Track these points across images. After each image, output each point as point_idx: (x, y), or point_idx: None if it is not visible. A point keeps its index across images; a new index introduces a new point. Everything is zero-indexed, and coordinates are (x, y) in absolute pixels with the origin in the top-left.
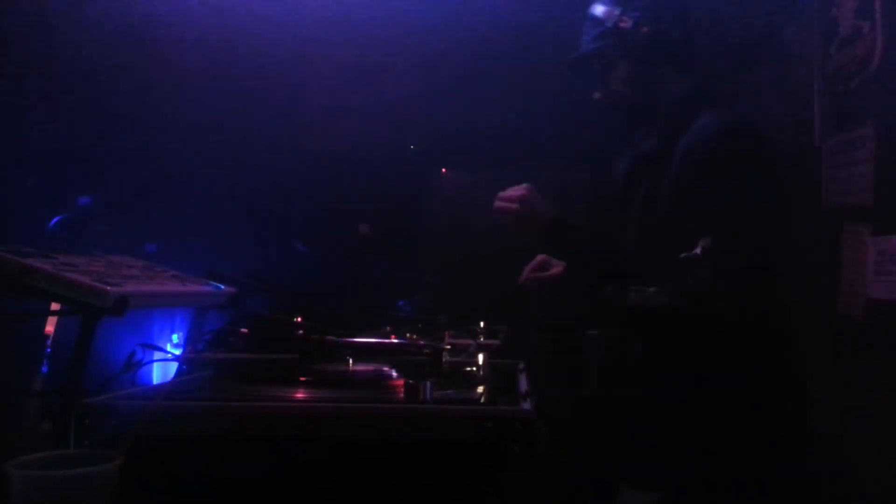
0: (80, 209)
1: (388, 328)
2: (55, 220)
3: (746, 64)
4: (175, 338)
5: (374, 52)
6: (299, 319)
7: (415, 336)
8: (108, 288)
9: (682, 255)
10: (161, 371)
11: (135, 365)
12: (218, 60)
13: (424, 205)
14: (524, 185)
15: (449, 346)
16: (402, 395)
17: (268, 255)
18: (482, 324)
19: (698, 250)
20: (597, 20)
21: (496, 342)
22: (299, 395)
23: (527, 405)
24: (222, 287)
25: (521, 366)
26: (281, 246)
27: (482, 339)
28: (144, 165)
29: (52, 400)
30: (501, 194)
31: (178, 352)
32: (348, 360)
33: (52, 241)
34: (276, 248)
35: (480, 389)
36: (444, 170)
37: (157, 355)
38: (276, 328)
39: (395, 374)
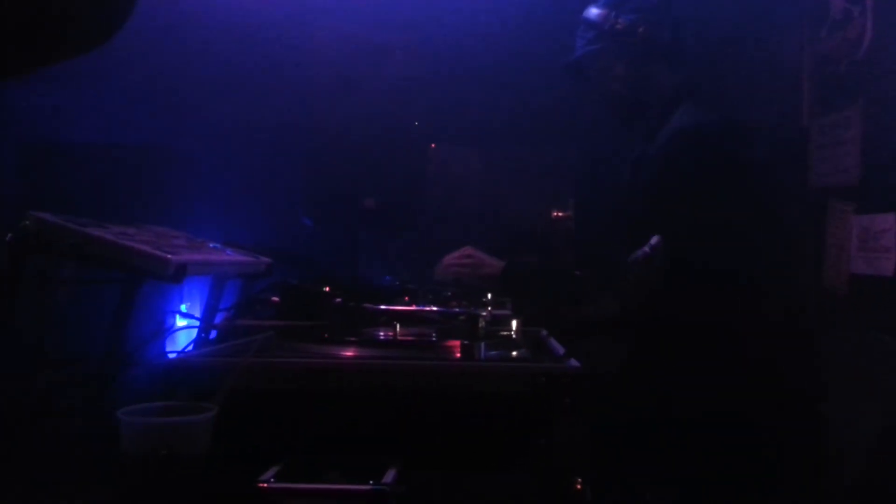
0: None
1: (406, 298)
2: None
3: (735, 45)
4: (183, 307)
5: (378, 29)
6: (327, 289)
7: (453, 304)
8: (169, 256)
9: (633, 254)
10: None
11: (166, 331)
12: (219, 35)
13: (424, 180)
14: (464, 247)
15: (485, 314)
16: (454, 354)
17: (272, 228)
18: (489, 295)
19: (647, 248)
20: (591, 23)
21: (507, 311)
22: (365, 354)
23: (573, 362)
24: (261, 258)
25: (545, 332)
26: (285, 219)
27: (489, 309)
28: (151, 139)
29: (87, 366)
30: (446, 260)
31: (185, 322)
32: (395, 325)
33: None
34: (280, 220)
35: (518, 352)
36: (433, 145)
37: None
38: (312, 297)
39: (434, 337)
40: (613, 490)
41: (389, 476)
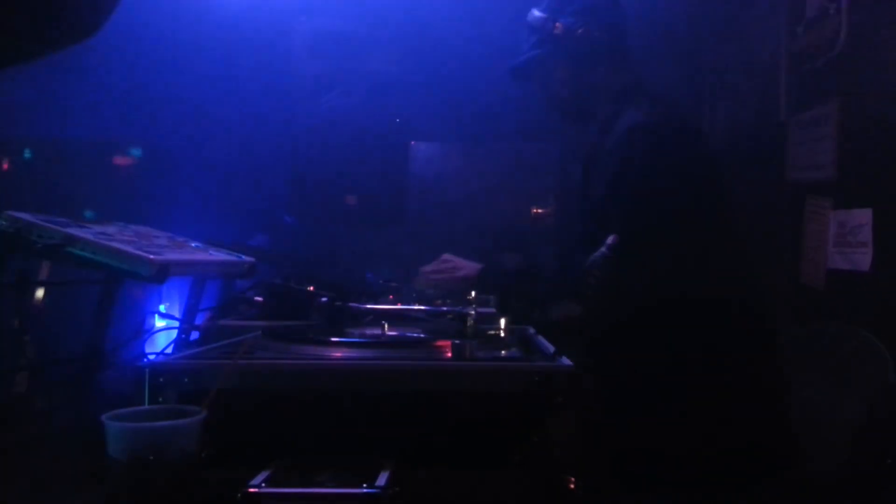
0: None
1: (391, 297)
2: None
3: (713, 42)
4: (162, 307)
5: (357, 26)
6: (311, 288)
7: (439, 302)
8: (151, 257)
9: (592, 256)
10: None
11: (147, 332)
12: (200, 32)
13: (406, 177)
14: (441, 255)
15: (473, 312)
16: (445, 353)
17: (253, 226)
18: (472, 293)
19: (605, 248)
20: (533, 28)
21: (492, 309)
22: (355, 354)
23: (565, 361)
24: (243, 257)
25: (532, 330)
26: (266, 217)
27: (475, 308)
28: (133, 137)
29: (67, 367)
30: (426, 270)
31: (164, 323)
32: (383, 325)
33: None
34: (261, 218)
35: (507, 350)
36: (412, 142)
37: (168, 322)
38: (297, 296)
39: (422, 336)
40: (605, 487)
41: (382, 478)
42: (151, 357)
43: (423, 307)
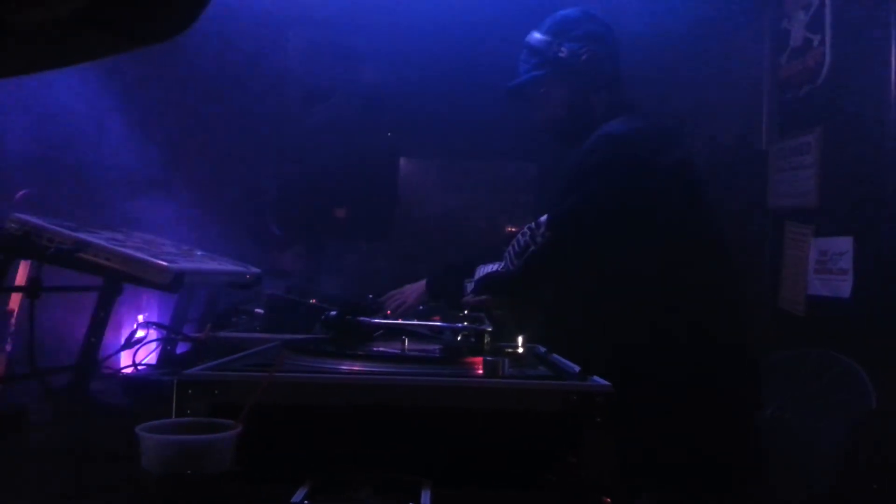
0: None
1: (388, 311)
2: None
3: (696, 72)
4: (140, 318)
5: (350, 37)
6: (314, 301)
7: (436, 318)
8: (167, 264)
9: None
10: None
11: (137, 342)
12: (189, 41)
13: (395, 190)
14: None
15: (490, 329)
16: (474, 370)
17: (245, 238)
18: (465, 311)
19: (539, 221)
20: (535, 49)
21: (488, 326)
22: (382, 369)
23: (601, 381)
24: (251, 268)
25: (542, 349)
26: (255, 228)
27: (466, 324)
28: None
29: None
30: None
31: (146, 332)
32: (404, 340)
33: None
34: (250, 230)
35: (534, 368)
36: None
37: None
38: (301, 309)
39: (439, 352)
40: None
41: (426, 497)
42: (140, 368)
43: (439, 323)
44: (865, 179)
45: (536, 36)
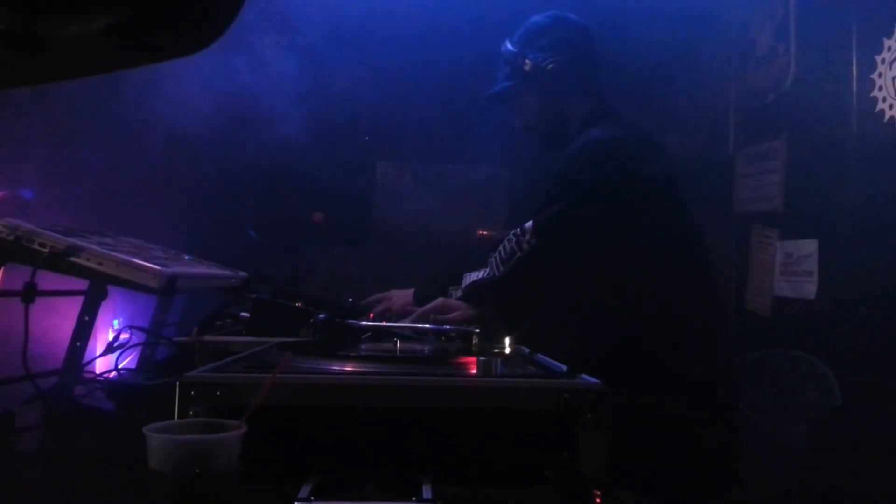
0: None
1: (371, 315)
2: None
3: (664, 79)
4: (116, 322)
5: (327, 43)
6: (299, 305)
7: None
8: (160, 268)
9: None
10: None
11: (120, 346)
12: None
13: (374, 195)
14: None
15: (478, 330)
16: (468, 370)
17: (220, 242)
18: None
19: (524, 227)
20: (505, 60)
21: (475, 328)
22: (381, 370)
23: (592, 380)
24: (238, 272)
25: (527, 350)
26: (232, 232)
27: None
28: (94, 152)
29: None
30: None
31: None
32: (395, 341)
33: None
34: (227, 234)
35: (524, 368)
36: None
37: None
38: (286, 313)
39: (427, 353)
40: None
41: (427, 491)
42: (122, 372)
43: (427, 325)
44: (829, 184)
45: (507, 46)
